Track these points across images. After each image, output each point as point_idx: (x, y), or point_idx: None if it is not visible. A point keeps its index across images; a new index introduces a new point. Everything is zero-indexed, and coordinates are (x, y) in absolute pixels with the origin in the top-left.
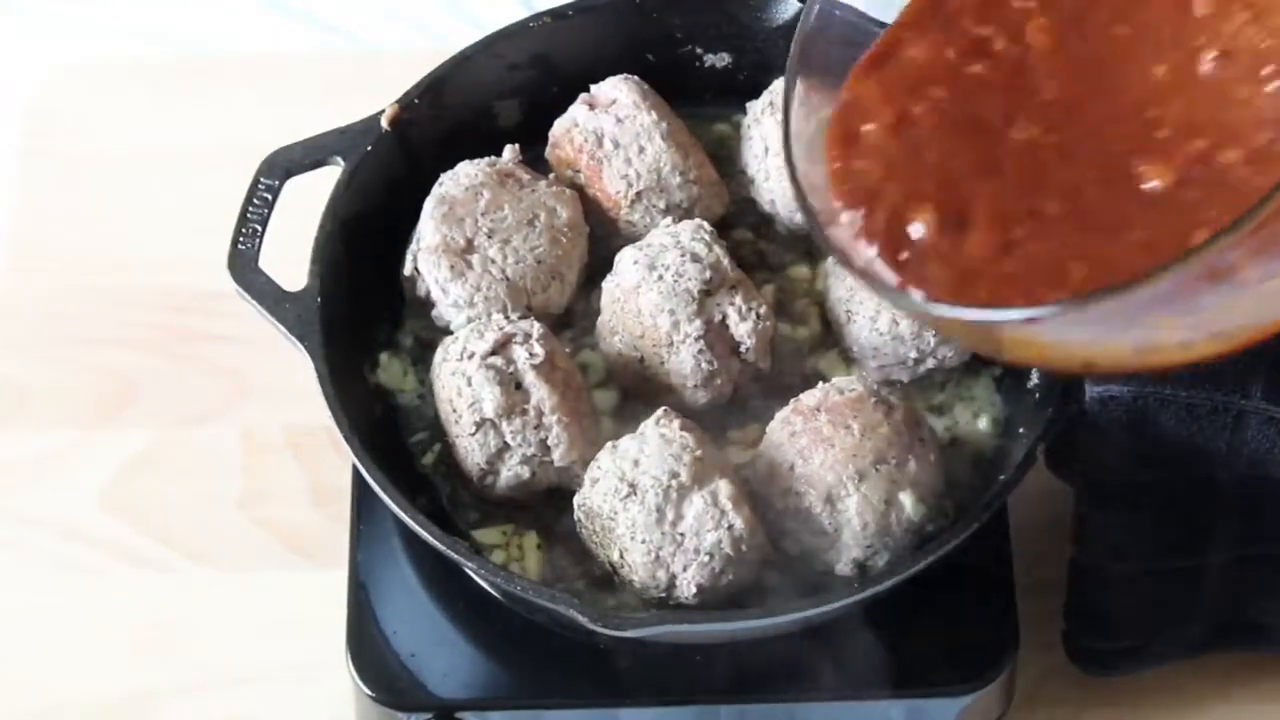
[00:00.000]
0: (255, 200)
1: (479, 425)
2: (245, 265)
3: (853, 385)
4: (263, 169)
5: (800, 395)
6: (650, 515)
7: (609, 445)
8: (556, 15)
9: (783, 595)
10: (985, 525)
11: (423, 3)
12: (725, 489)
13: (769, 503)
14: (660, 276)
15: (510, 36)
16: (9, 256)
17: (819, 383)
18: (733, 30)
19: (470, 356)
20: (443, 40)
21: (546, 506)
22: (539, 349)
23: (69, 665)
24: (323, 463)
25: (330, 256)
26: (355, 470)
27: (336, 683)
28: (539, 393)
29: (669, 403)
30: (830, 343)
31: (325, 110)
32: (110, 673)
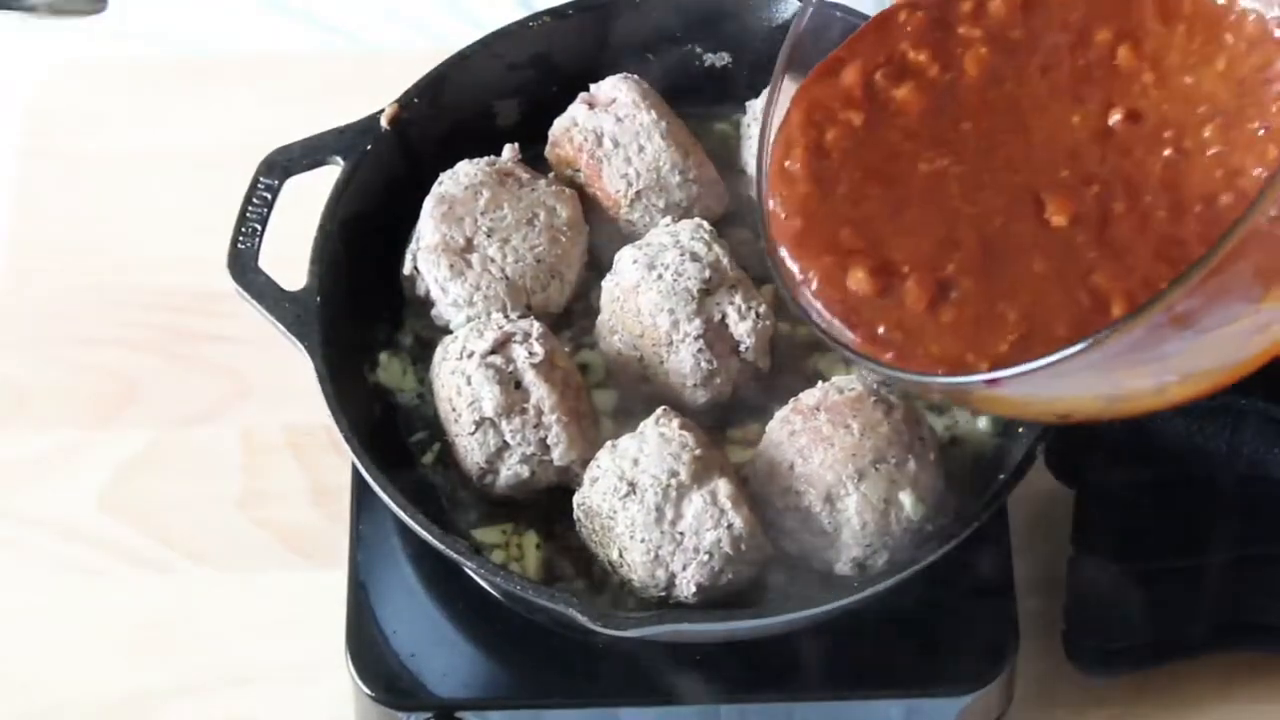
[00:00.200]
0: (255, 200)
1: (478, 424)
2: (245, 265)
3: (852, 385)
4: (262, 169)
5: (800, 395)
6: (650, 514)
7: (608, 444)
8: (556, 15)
9: (782, 595)
10: (985, 525)
11: (423, 3)
12: (725, 488)
13: (769, 502)
14: (660, 276)
15: (510, 36)
16: (9, 256)
17: (819, 382)
18: (733, 30)
19: (470, 355)
20: (442, 40)
21: (546, 506)
22: (538, 348)
23: (69, 665)
24: (323, 462)
25: (330, 256)
26: (355, 470)
27: (336, 682)
28: (538, 392)
29: (669, 402)
30: None
31: (325, 110)
32: (110, 673)
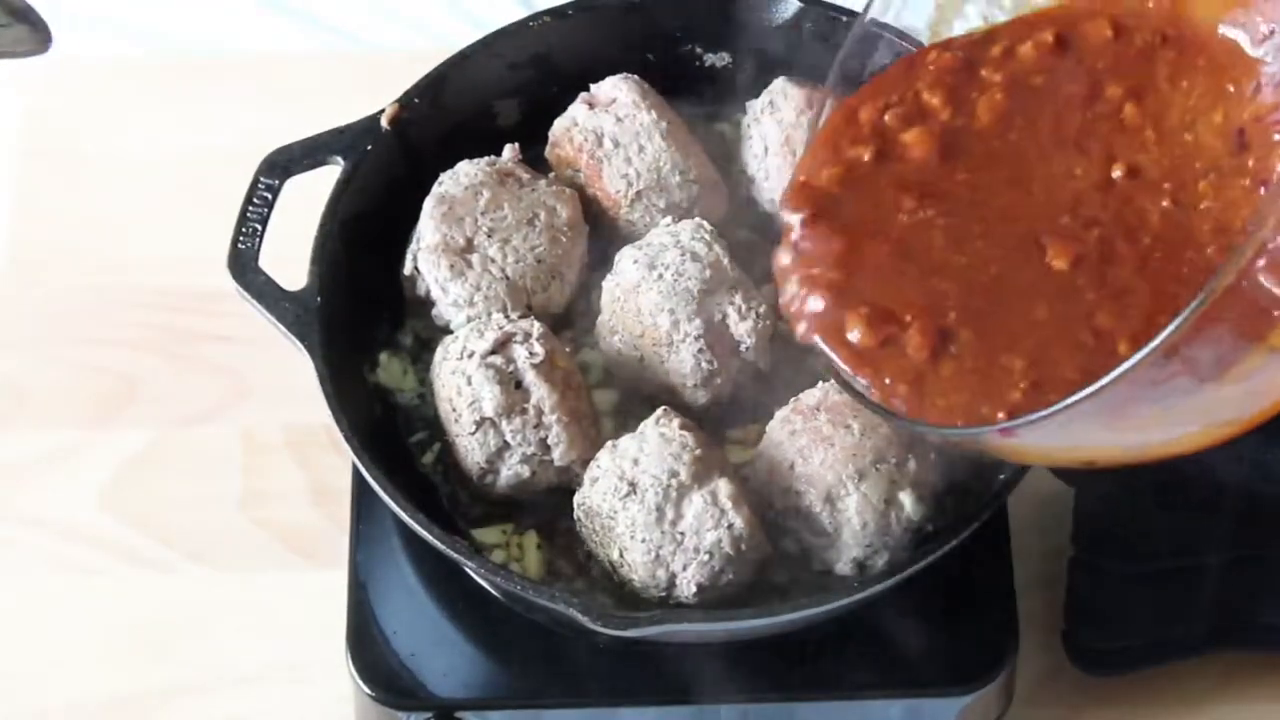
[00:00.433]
0: (255, 200)
1: (479, 424)
2: (245, 265)
3: None
4: (262, 169)
5: (800, 394)
6: (650, 514)
7: (609, 444)
8: (556, 15)
9: (782, 595)
10: (985, 525)
11: (423, 3)
12: (725, 488)
13: (769, 502)
14: (660, 276)
15: (510, 36)
16: (9, 256)
17: (819, 382)
18: (733, 30)
19: (470, 356)
20: (443, 40)
21: (546, 506)
22: (539, 348)
23: (69, 665)
24: (323, 462)
25: (330, 256)
26: (355, 470)
27: (336, 682)
28: (539, 392)
29: (669, 402)
30: None
31: (325, 110)
32: (110, 672)
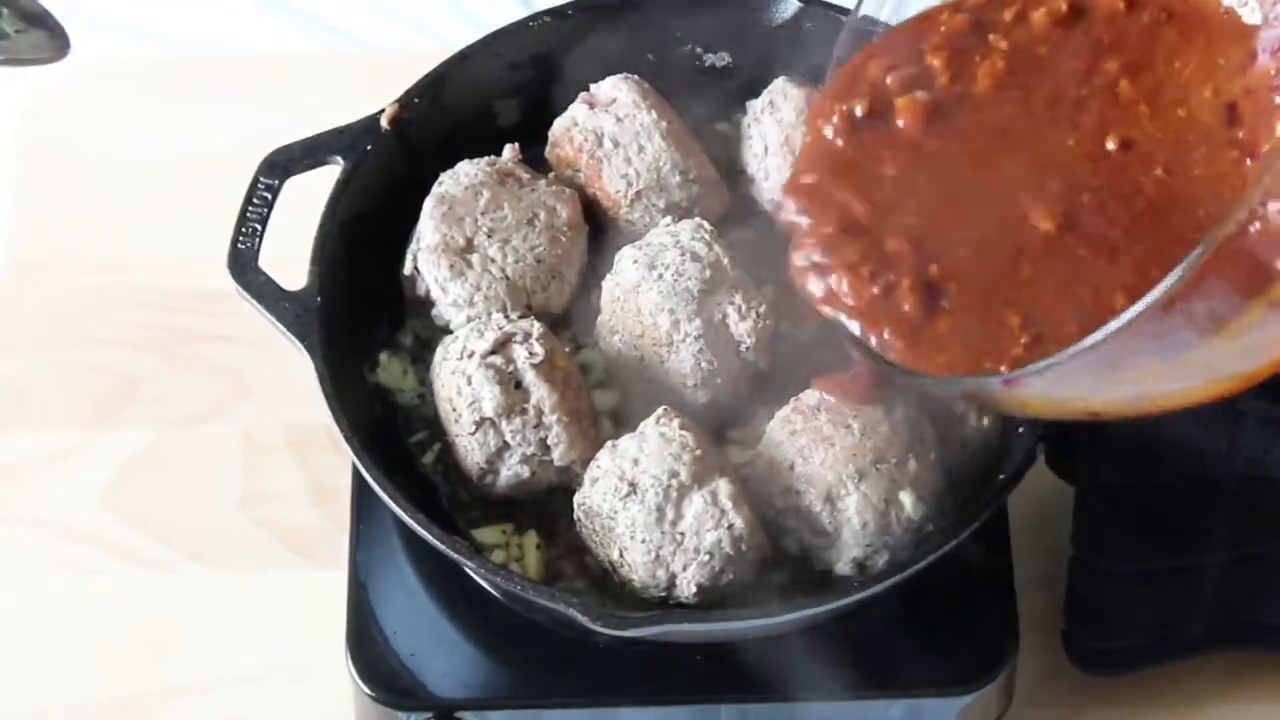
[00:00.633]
0: (255, 200)
1: (479, 424)
2: (245, 265)
3: None
4: (262, 168)
5: (800, 394)
6: (650, 514)
7: (609, 444)
8: (556, 15)
9: (782, 595)
10: (985, 525)
11: (423, 3)
12: (725, 488)
13: (769, 502)
14: (660, 276)
15: (510, 36)
16: (9, 257)
17: None
18: (733, 30)
19: (470, 356)
20: (443, 40)
21: (546, 506)
22: (539, 348)
23: (69, 664)
24: (323, 462)
25: (330, 256)
26: (355, 470)
27: (336, 682)
28: (539, 392)
29: (669, 402)
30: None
31: (325, 110)
32: (110, 672)
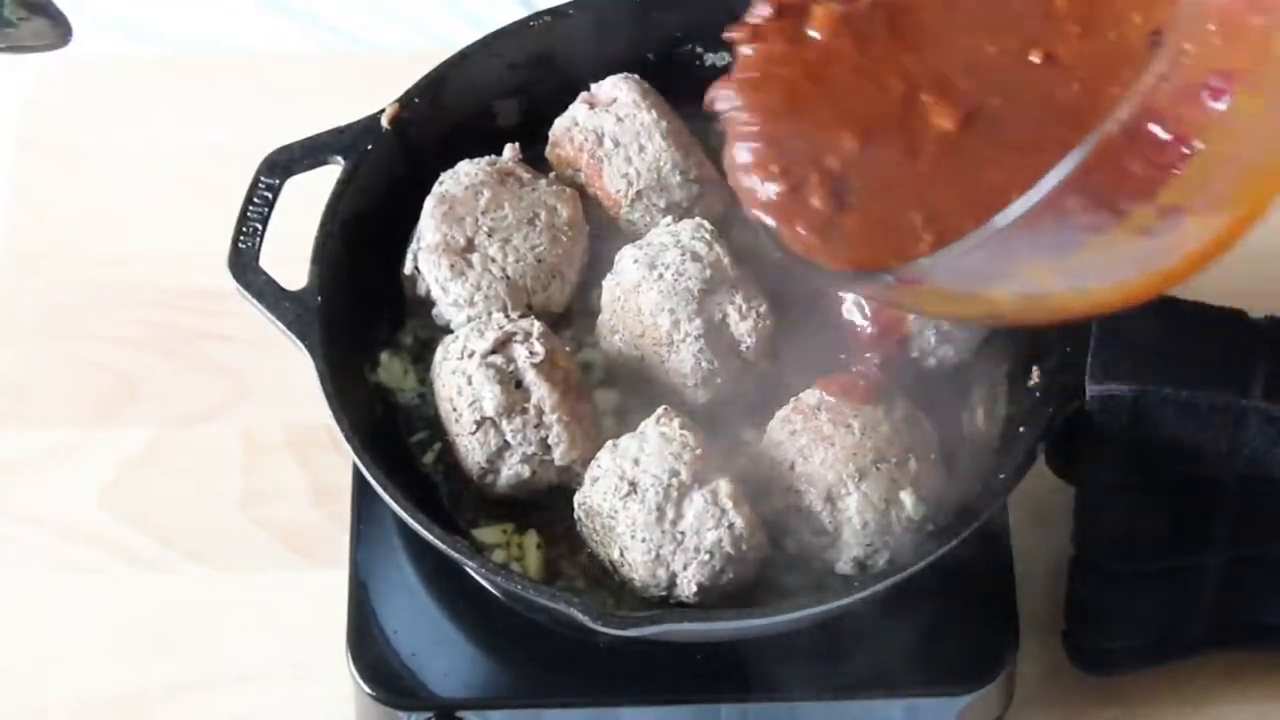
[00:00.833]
0: (255, 199)
1: (479, 424)
2: (246, 264)
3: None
4: (263, 168)
5: (800, 394)
6: (650, 514)
7: (609, 444)
8: (556, 14)
9: (783, 594)
10: (985, 525)
11: (423, 3)
12: (725, 488)
13: (769, 501)
14: (660, 275)
15: (510, 36)
16: (8, 254)
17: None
18: None
19: (470, 355)
20: (443, 40)
21: (547, 505)
22: (539, 348)
23: (69, 663)
24: (323, 462)
25: (330, 256)
26: (355, 469)
27: (337, 682)
28: (539, 391)
29: (669, 401)
30: None
31: (325, 110)
32: (111, 671)
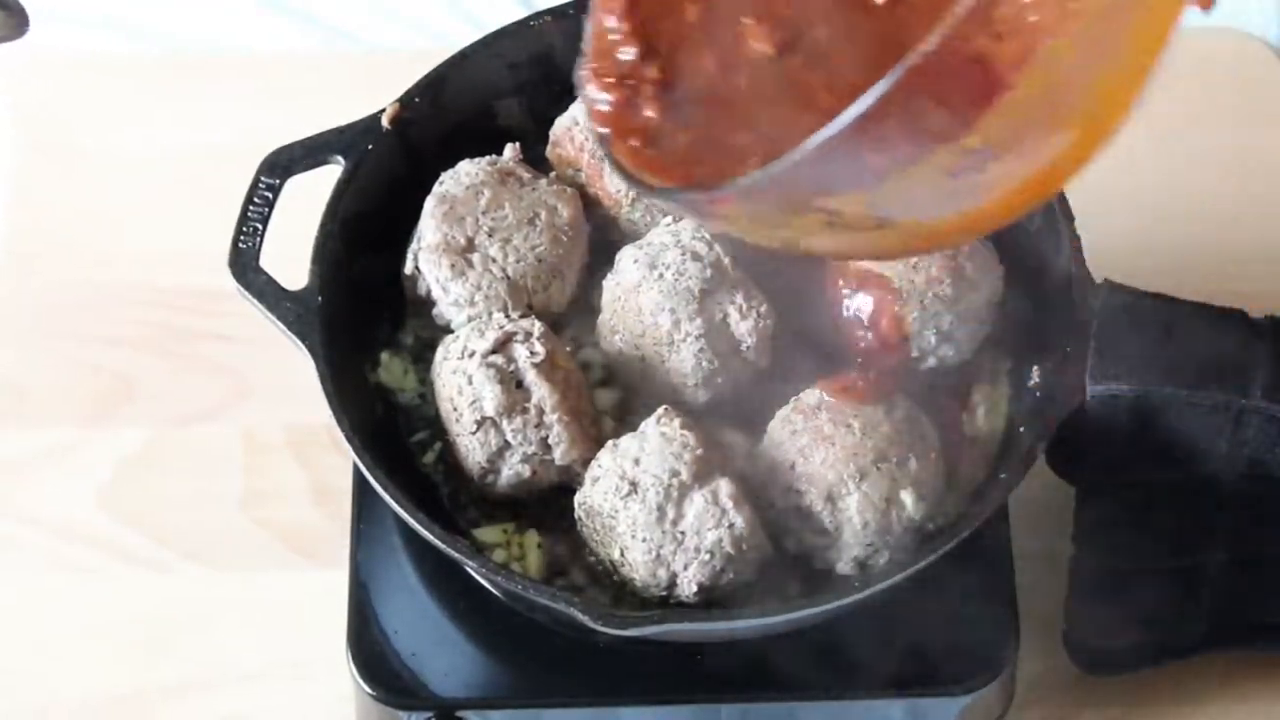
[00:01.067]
0: (256, 199)
1: (480, 424)
2: (246, 264)
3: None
4: (263, 168)
5: (800, 394)
6: (651, 514)
7: (610, 444)
8: (557, 14)
9: (783, 594)
10: (985, 525)
11: (423, 3)
12: (726, 488)
13: (770, 501)
14: (661, 275)
15: (510, 36)
16: (6, 254)
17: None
18: None
19: (471, 355)
20: (443, 40)
21: (547, 505)
22: (539, 347)
23: (68, 664)
24: (323, 462)
25: (331, 256)
26: (356, 469)
27: (337, 682)
28: (540, 391)
29: (670, 401)
30: None
31: (325, 110)
32: (110, 671)
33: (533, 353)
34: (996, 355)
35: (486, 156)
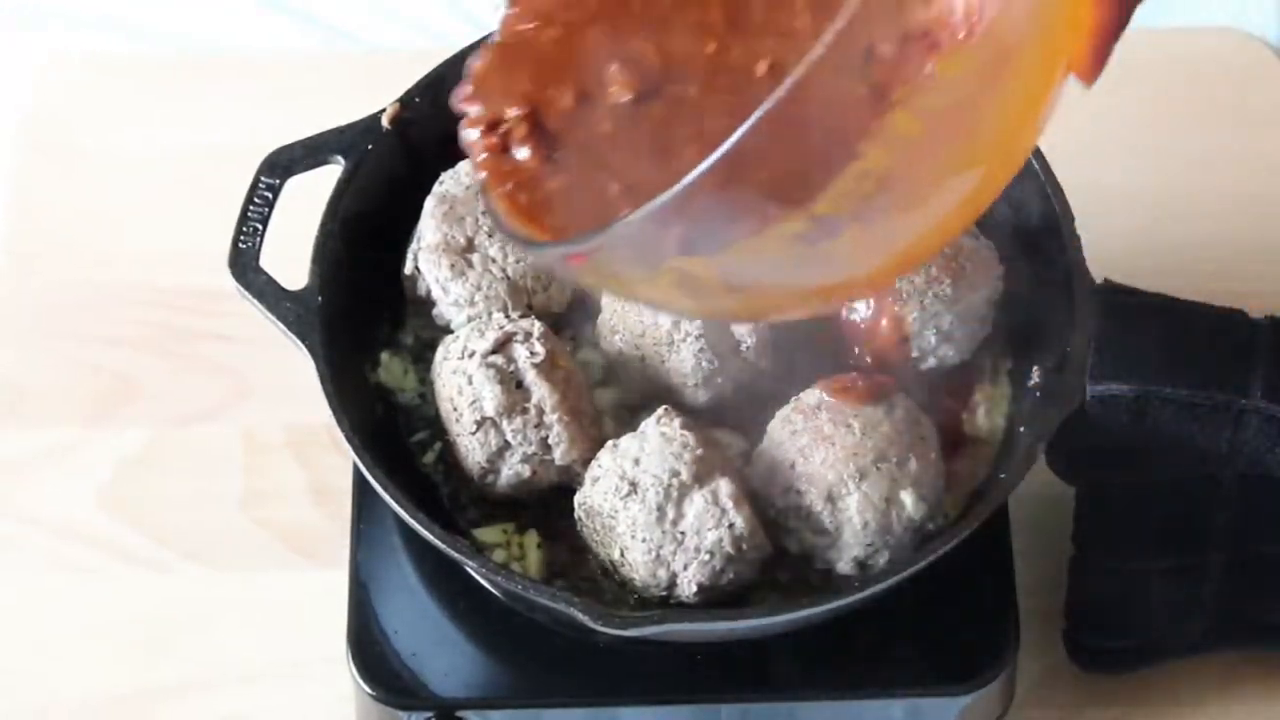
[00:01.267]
0: (256, 199)
1: (480, 424)
2: (246, 264)
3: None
4: (263, 168)
5: (800, 394)
6: (651, 514)
7: (610, 444)
8: None
9: (783, 594)
10: (985, 525)
11: (423, 3)
12: (726, 488)
13: (770, 501)
14: None
15: None
16: (6, 254)
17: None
18: None
19: (471, 355)
20: (443, 40)
21: (547, 505)
22: (539, 348)
23: (68, 664)
24: (323, 462)
25: (331, 256)
26: (356, 469)
27: (337, 682)
28: (540, 391)
29: (670, 401)
30: None
31: (325, 110)
32: (110, 671)
33: (533, 353)
34: (996, 355)
35: None
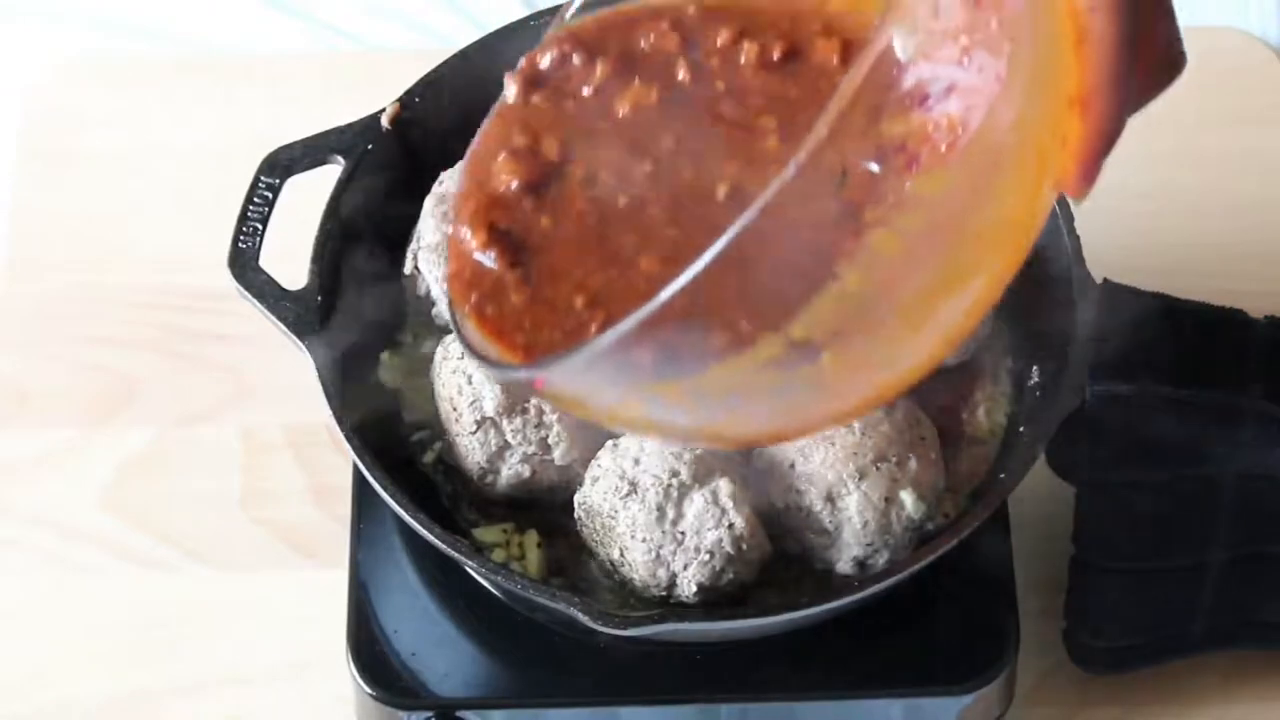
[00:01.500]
0: (256, 199)
1: (479, 424)
2: (246, 264)
3: None
4: (263, 168)
5: None
6: (651, 514)
7: (610, 444)
8: (557, 14)
9: (783, 594)
10: (985, 525)
11: (423, 3)
12: (725, 487)
13: (769, 501)
14: None
15: (510, 35)
16: (8, 254)
17: None
18: None
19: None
20: (443, 40)
21: (547, 505)
22: None
23: (69, 664)
24: (323, 462)
25: (330, 256)
26: (356, 469)
27: (337, 681)
28: None
29: None
30: None
31: (325, 110)
32: (110, 671)
33: None
34: (996, 355)
35: None
